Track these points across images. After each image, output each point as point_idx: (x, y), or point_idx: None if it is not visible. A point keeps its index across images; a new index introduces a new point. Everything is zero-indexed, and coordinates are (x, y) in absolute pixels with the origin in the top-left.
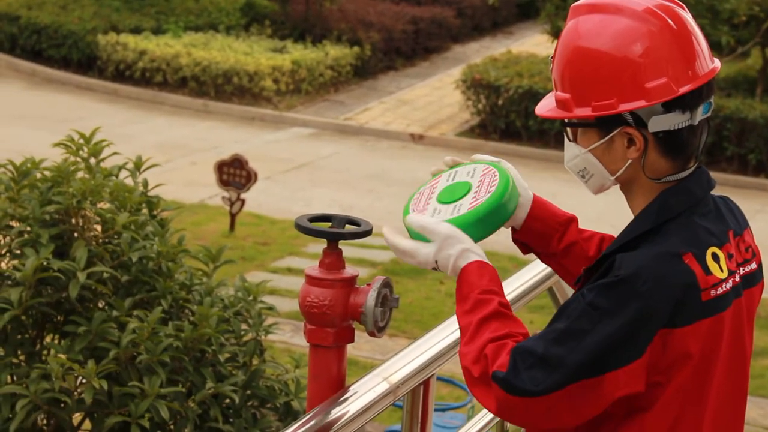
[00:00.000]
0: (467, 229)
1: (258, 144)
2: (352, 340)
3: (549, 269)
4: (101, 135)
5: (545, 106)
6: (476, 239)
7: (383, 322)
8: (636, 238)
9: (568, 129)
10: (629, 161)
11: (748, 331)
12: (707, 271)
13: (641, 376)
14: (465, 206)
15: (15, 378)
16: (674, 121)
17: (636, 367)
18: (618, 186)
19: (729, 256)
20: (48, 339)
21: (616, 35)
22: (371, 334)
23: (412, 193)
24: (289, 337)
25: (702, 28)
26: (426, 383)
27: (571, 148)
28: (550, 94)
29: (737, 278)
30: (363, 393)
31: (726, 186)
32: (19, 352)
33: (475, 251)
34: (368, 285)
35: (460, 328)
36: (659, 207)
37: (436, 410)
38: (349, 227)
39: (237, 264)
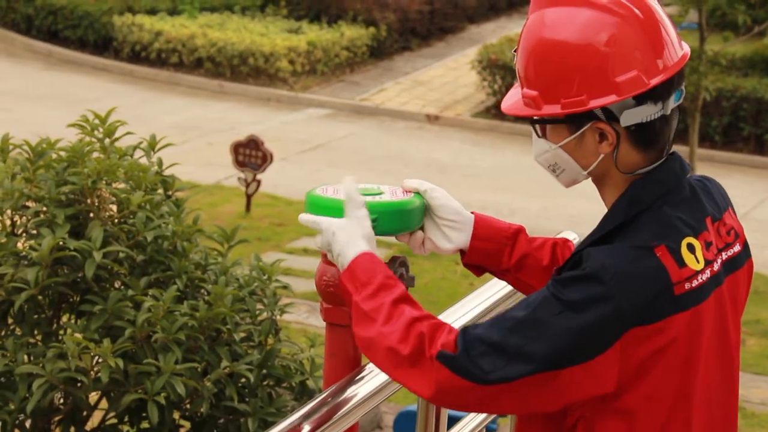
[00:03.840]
0: (386, 216)
1: (274, 125)
2: None
3: None
4: (117, 116)
5: (512, 103)
6: (388, 230)
7: None
8: (608, 234)
9: (537, 125)
10: (601, 156)
11: (733, 319)
12: (681, 263)
13: (607, 376)
14: (386, 198)
15: (32, 358)
16: (646, 113)
17: (597, 364)
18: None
19: (707, 245)
20: (64, 318)
21: (582, 27)
22: None
23: (314, 188)
24: (304, 318)
25: (719, 7)
26: None
27: (540, 144)
28: (515, 87)
29: (716, 267)
30: (380, 371)
31: (742, 166)
32: (35, 332)
33: (370, 244)
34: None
35: (365, 312)
36: (629, 200)
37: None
38: None
39: (253, 244)
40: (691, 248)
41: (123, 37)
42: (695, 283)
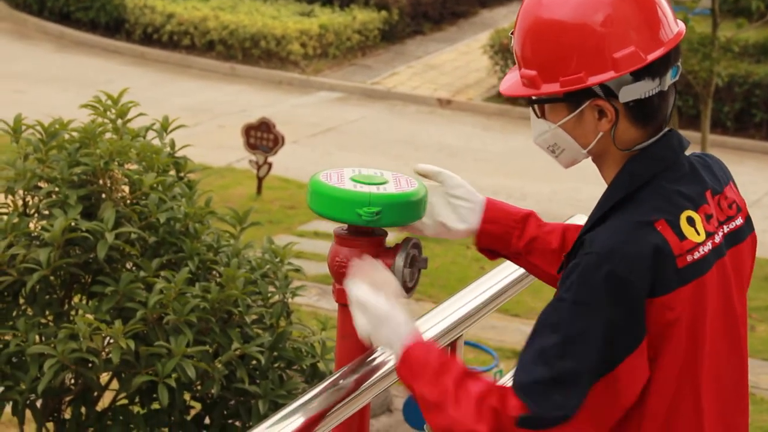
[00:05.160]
0: (390, 208)
1: (285, 108)
2: None
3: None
4: (129, 98)
5: (510, 84)
6: (393, 222)
7: (412, 283)
8: (608, 212)
9: (535, 105)
10: (600, 134)
11: (738, 292)
12: (681, 236)
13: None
14: (390, 189)
15: (43, 338)
16: (644, 89)
17: (644, 347)
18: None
19: (707, 218)
20: (76, 299)
21: (578, 5)
22: None
23: (317, 173)
24: (315, 301)
25: None
26: (453, 345)
27: (539, 124)
28: (512, 69)
29: (717, 239)
30: (391, 354)
31: (754, 152)
32: (47, 313)
33: (411, 327)
34: (397, 245)
35: (432, 402)
36: (628, 176)
37: None
38: None
39: (264, 227)
40: (690, 221)
41: (135, 19)
42: (697, 255)
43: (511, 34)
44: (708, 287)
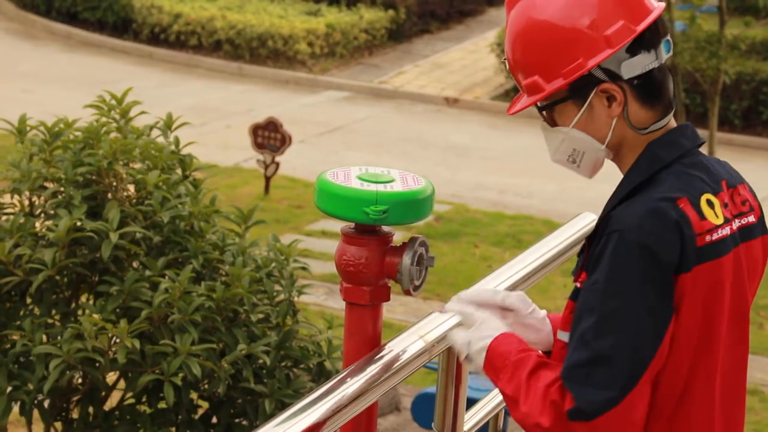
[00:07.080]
0: (397, 207)
1: (292, 107)
2: (387, 299)
3: (585, 229)
4: (137, 98)
5: (516, 104)
6: (400, 220)
7: (419, 281)
8: (630, 193)
9: (545, 112)
10: (614, 120)
11: (750, 284)
12: (702, 216)
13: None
14: (397, 187)
15: (50, 338)
16: (643, 62)
17: (670, 329)
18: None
19: (724, 205)
20: (83, 299)
21: (562, 2)
22: (407, 292)
23: (324, 171)
24: (323, 300)
25: None
26: None
27: (553, 138)
28: (516, 97)
29: (734, 226)
30: (399, 351)
31: (762, 150)
32: (53, 312)
33: (502, 330)
34: (404, 244)
35: (510, 396)
36: (648, 158)
37: (470, 372)
38: None
39: (271, 226)
40: (710, 204)
41: (142, 19)
42: (715, 236)
43: (504, 60)
44: (725, 271)
